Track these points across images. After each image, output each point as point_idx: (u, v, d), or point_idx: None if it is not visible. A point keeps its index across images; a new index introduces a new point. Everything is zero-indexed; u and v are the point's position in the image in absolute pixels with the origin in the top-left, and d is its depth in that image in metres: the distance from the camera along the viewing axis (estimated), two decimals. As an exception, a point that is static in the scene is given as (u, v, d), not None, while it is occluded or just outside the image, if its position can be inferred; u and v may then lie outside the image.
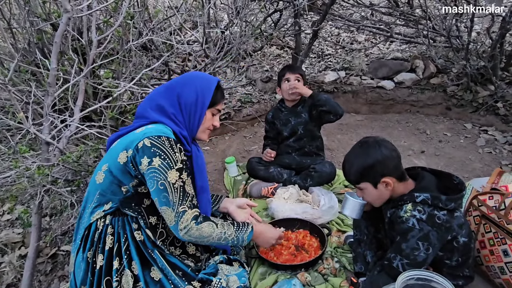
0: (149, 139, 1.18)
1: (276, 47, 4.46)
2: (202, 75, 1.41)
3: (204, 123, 1.37)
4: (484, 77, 3.05)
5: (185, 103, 1.31)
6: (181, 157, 1.21)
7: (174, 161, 1.18)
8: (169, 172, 1.16)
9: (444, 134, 2.93)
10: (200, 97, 1.32)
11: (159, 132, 1.21)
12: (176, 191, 1.17)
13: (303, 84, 2.27)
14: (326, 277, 1.56)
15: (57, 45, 1.39)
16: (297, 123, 2.33)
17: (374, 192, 1.31)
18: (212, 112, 1.40)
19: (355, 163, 1.31)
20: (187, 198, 1.20)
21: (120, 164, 1.21)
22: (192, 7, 3.22)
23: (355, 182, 1.34)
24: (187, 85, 1.34)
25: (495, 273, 1.41)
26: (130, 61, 2.23)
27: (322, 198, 1.99)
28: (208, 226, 1.22)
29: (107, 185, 1.24)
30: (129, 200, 1.25)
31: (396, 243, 1.23)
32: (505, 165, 2.41)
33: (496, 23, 2.93)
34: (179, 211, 1.17)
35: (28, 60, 2.05)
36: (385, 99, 3.49)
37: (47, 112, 1.42)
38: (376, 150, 1.26)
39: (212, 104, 1.36)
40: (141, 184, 1.24)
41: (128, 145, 1.21)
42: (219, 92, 1.39)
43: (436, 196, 1.20)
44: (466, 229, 1.26)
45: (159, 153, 1.17)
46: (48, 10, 2.17)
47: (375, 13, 4.01)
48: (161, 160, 1.16)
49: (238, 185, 2.44)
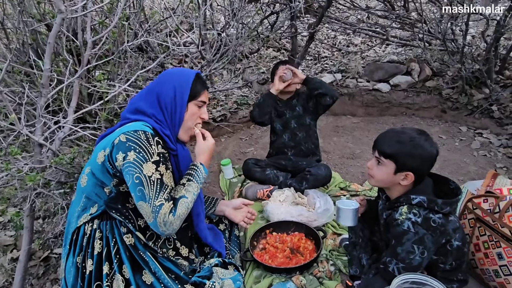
0: (124, 134, 1.16)
1: (273, 49, 4.46)
2: (180, 70, 1.38)
3: (189, 118, 1.34)
4: (479, 80, 3.08)
5: (165, 102, 1.29)
6: (158, 150, 1.19)
7: (149, 153, 1.16)
8: (144, 165, 1.13)
9: (439, 137, 2.94)
10: (178, 92, 1.30)
11: (136, 127, 1.20)
12: (153, 184, 1.14)
13: None
14: (321, 280, 1.56)
15: (50, 46, 1.38)
16: (291, 117, 2.33)
17: (388, 174, 1.26)
18: (197, 105, 1.36)
19: (403, 142, 1.24)
20: (164, 190, 1.16)
21: (99, 164, 1.19)
22: (189, 8, 3.22)
23: (384, 154, 1.27)
24: (165, 82, 1.32)
25: (489, 276, 1.41)
26: (125, 63, 2.22)
27: (318, 200, 1.98)
28: (182, 205, 1.17)
29: (91, 188, 1.22)
30: (114, 201, 1.23)
31: (391, 246, 1.23)
32: (500, 168, 2.42)
33: (491, 26, 2.95)
34: (156, 205, 1.13)
35: (21, 61, 2.04)
36: (381, 102, 3.50)
37: (40, 113, 1.40)
38: (427, 146, 1.22)
39: (192, 96, 1.33)
40: (122, 183, 1.21)
41: (106, 144, 1.19)
42: (198, 83, 1.35)
43: (432, 199, 1.19)
44: (460, 233, 1.25)
45: (133, 147, 1.14)
46: (42, 11, 2.16)
47: (371, 16, 4.03)
48: (136, 153, 1.14)
49: (234, 187, 2.43)
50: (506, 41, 3.52)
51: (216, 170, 2.73)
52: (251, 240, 1.76)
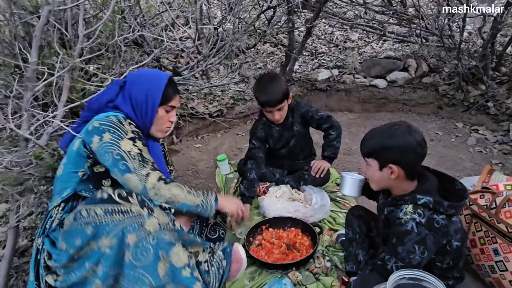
0: (97, 120, 1.23)
1: (270, 44, 4.43)
2: (152, 73, 1.42)
3: (158, 121, 1.38)
4: (475, 76, 3.07)
5: (136, 102, 1.34)
6: (132, 129, 1.26)
7: (124, 131, 1.22)
8: (121, 142, 1.19)
9: (435, 133, 2.94)
10: (150, 97, 1.33)
11: (107, 114, 1.27)
12: (134, 158, 1.19)
13: (287, 101, 2.00)
14: (317, 276, 1.55)
15: (37, 38, 1.34)
16: (289, 136, 2.18)
17: (377, 173, 1.27)
18: (166, 109, 1.40)
19: (375, 138, 1.27)
20: (147, 163, 1.21)
21: (74, 151, 1.24)
22: (185, 2, 3.18)
23: (365, 154, 1.30)
24: (136, 83, 1.36)
25: (485, 271, 1.41)
26: (120, 57, 2.19)
27: (314, 196, 1.98)
28: (176, 186, 1.23)
29: (65, 175, 1.26)
30: (87, 183, 1.26)
31: (391, 244, 1.20)
32: (495, 164, 2.42)
33: (488, 23, 2.94)
34: (143, 174, 1.17)
35: (13, 54, 1.99)
36: (378, 98, 3.49)
37: (26, 107, 1.36)
38: (403, 136, 1.20)
39: (163, 101, 1.36)
40: (97, 163, 1.25)
41: (81, 133, 1.26)
42: (170, 89, 1.38)
43: (439, 201, 1.16)
44: (460, 234, 1.24)
45: (107, 128, 1.20)
46: (35, 3, 2.11)
47: (368, 12, 4.01)
48: (111, 134, 1.19)
49: (230, 183, 2.42)
50: (502, 38, 3.52)
51: (212, 165, 2.71)
52: (247, 236, 1.74)
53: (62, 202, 1.24)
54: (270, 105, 1.94)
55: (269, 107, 1.95)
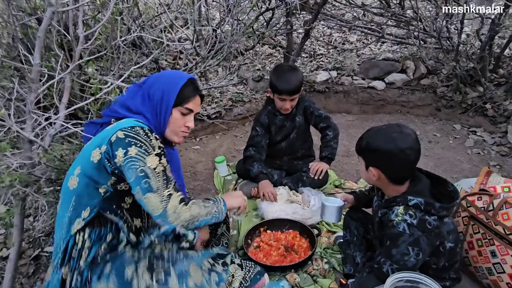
0: (122, 131, 1.13)
1: (268, 46, 4.43)
2: (172, 73, 1.36)
3: (172, 123, 1.31)
4: (473, 78, 3.08)
5: (153, 102, 1.28)
6: (158, 144, 1.17)
7: (151, 147, 1.13)
8: (148, 158, 1.11)
9: (433, 135, 2.95)
10: (165, 95, 1.27)
11: (132, 123, 1.17)
12: (159, 176, 1.12)
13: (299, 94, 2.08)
14: (315, 278, 1.55)
15: (40, 40, 1.34)
16: (291, 127, 2.22)
17: (363, 171, 1.31)
18: (181, 111, 1.31)
19: (366, 138, 1.28)
20: (171, 182, 1.15)
21: (94, 163, 1.14)
22: (184, 4, 3.18)
23: (357, 151, 1.33)
24: (156, 83, 1.30)
25: (482, 273, 1.42)
26: (118, 58, 2.19)
27: (312, 198, 1.98)
28: (195, 205, 1.18)
29: (82, 189, 1.15)
30: (110, 202, 1.17)
31: (386, 247, 1.21)
32: (493, 166, 2.43)
33: (486, 25, 2.96)
34: (165, 195, 1.11)
35: (11, 55, 1.99)
36: (376, 100, 3.50)
37: (30, 109, 1.37)
38: (389, 141, 1.19)
39: (179, 102, 1.29)
40: (120, 181, 1.16)
41: (101, 142, 1.14)
42: (187, 90, 1.30)
43: (430, 202, 1.16)
44: (453, 235, 1.24)
45: (134, 142, 1.11)
46: (33, 4, 2.11)
47: (367, 14, 4.02)
48: (138, 148, 1.11)
49: (228, 185, 2.42)
50: (500, 40, 3.53)
51: (211, 167, 2.71)
52: (245, 238, 1.75)
53: (87, 227, 1.14)
54: (288, 93, 2.00)
55: (286, 95, 2.01)
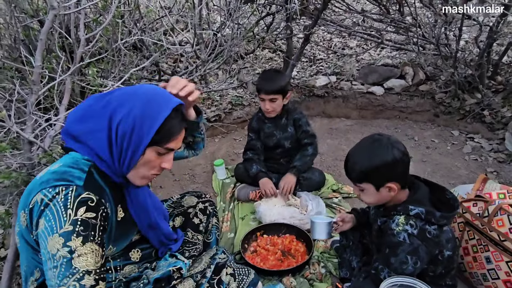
0: (41, 192, 0.89)
1: (268, 50, 4.46)
2: (153, 94, 0.96)
3: (141, 166, 0.97)
4: (471, 85, 3.10)
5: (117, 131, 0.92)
6: (79, 215, 0.86)
7: (61, 221, 0.85)
8: (49, 238, 0.84)
9: (431, 141, 2.97)
10: (137, 130, 0.91)
11: (63, 175, 0.90)
12: (56, 266, 0.83)
13: (282, 98, 2.03)
14: (311, 283, 1.56)
15: (42, 42, 1.36)
16: (283, 138, 2.20)
17: (374, 194, 1.22)
18: (158, 151, 0.97)
19: (359, 162, 1.19)
20: (70, 276, 0.82)
21: (24, 228, 0.93)
22: (185, 8, 3.21)
23: (356, 180, 1.23)
24: (125, 105, 0.92)
25: (477, 279, 1.42)
26: (119, 61, 2.21)
27: (310, 203, 1.98)
28: None
29: (25, 251, 0.97)
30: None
31: (384, 255, 1.21)
32: (490, 172, 2.44)
33: (484, 32, 2.98)
34: None
35: (13, 57, 2.01)
36: (375, 105, 3.52)
37: (30, 110, 1.38)
38: (387, 151, 1.15)
39: (157, 141, 0.94)
40: None
41: (25, 201, 0.92)
42: (172, 124, 0.95)
43: (431, 211, 1.16)
44: (452, 243, 1.24)
45: (46, 212, 0.86)
46: (35, 7, 2.13)
47: (366, 20, 4.05)
48: (46, 222, 0.86)
49: (227, 188, 2.43)
50: (498, 47, 3.56)
51: (209, 170, 2.72)
52: (242, 243, 1.75)
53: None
54: (265, 92, 2.00)
55: (263, 94, 2.01)
